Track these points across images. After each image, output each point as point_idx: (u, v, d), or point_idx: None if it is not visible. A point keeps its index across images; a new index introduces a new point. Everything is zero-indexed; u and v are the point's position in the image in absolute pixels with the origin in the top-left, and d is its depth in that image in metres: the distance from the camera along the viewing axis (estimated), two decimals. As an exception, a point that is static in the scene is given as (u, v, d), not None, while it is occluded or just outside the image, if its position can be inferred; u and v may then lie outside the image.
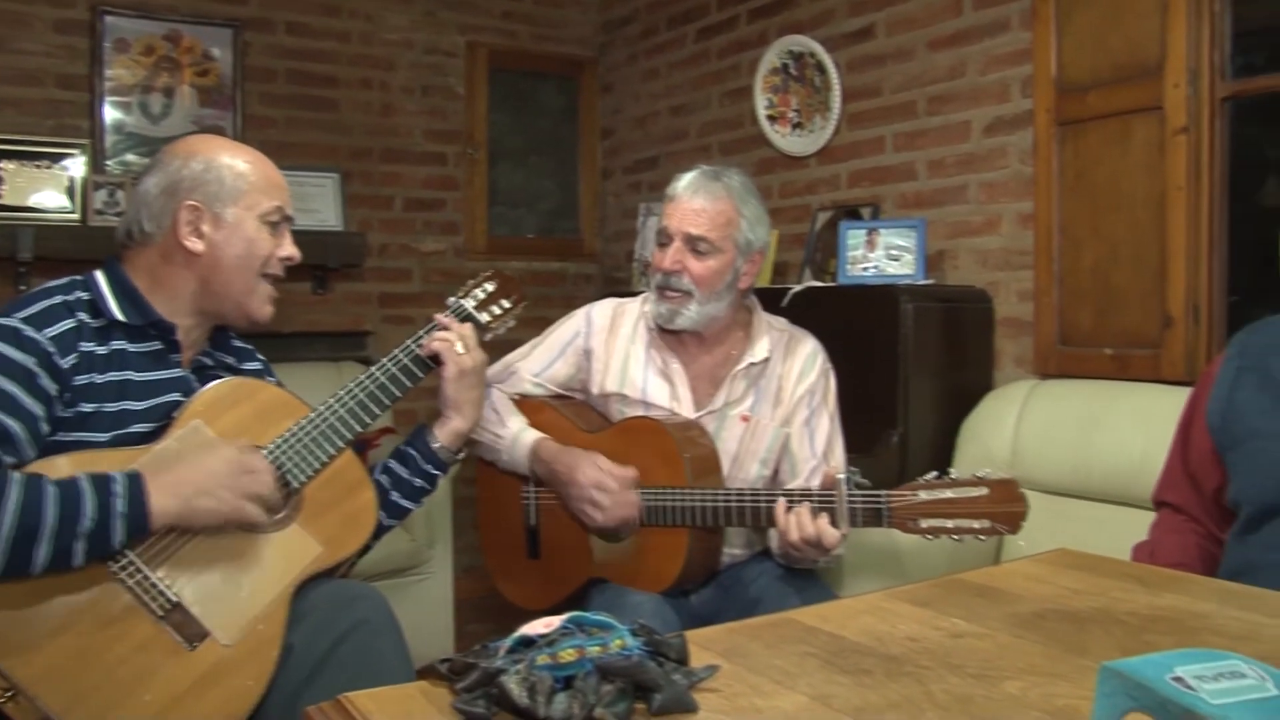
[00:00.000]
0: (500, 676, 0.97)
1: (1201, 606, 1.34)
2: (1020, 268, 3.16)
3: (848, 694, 1.02)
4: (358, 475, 1.87)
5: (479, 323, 2.06)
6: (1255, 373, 1.84)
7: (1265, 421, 1.78)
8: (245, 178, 1.82)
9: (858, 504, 1.96)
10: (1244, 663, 0.77)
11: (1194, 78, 2.72)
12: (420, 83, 4.63)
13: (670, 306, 2.23)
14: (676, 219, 2.22)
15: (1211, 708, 0.72)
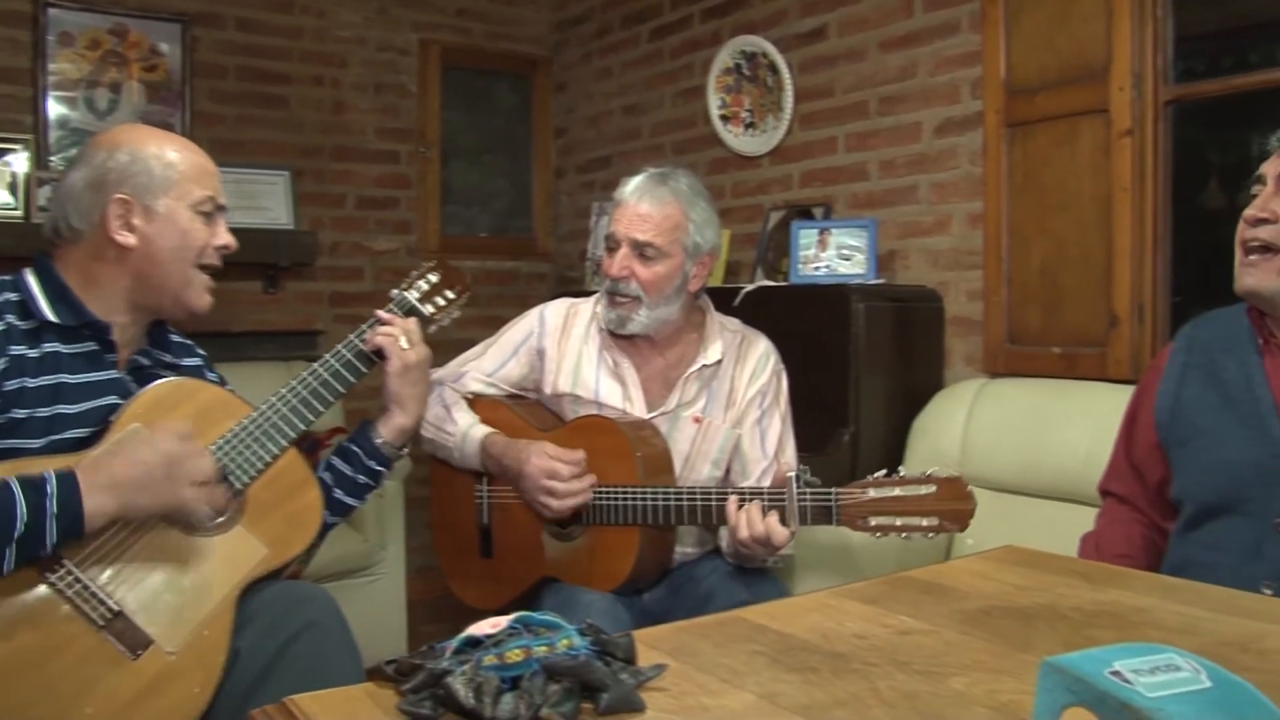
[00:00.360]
0: (446, 677, 0.96)
1: (1143, 601, 1.36)
2: (970, 267, 3.19)
3: (795, 692, 1.02)
4: (302, 474, 1.84)
5: (423, 315, 2.03)
6: (1202, 369, 1.87)
7: (1211, 421, 1.81)
8: (175, 167, 1.76)
9: (807, 502, 1.97)
10: (1180, 656, 0.78)
11: (1138, 81, 2.76)
12: (373, 80, 4.59)
13: (620, 312, 2.23)
14: (623, 225, 2.21)
15: (1147, 700, 0.73)
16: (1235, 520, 1.74)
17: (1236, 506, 1.74)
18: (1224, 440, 1.78)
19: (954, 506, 1.88)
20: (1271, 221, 1.69)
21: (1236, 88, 2.70)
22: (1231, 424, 1.77)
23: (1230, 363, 1.82)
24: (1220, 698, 0.74)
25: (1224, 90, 2.72)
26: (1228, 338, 1.85)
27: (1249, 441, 1.74)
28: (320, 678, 1.53)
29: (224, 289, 4.03)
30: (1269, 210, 1.70)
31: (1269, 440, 1.71)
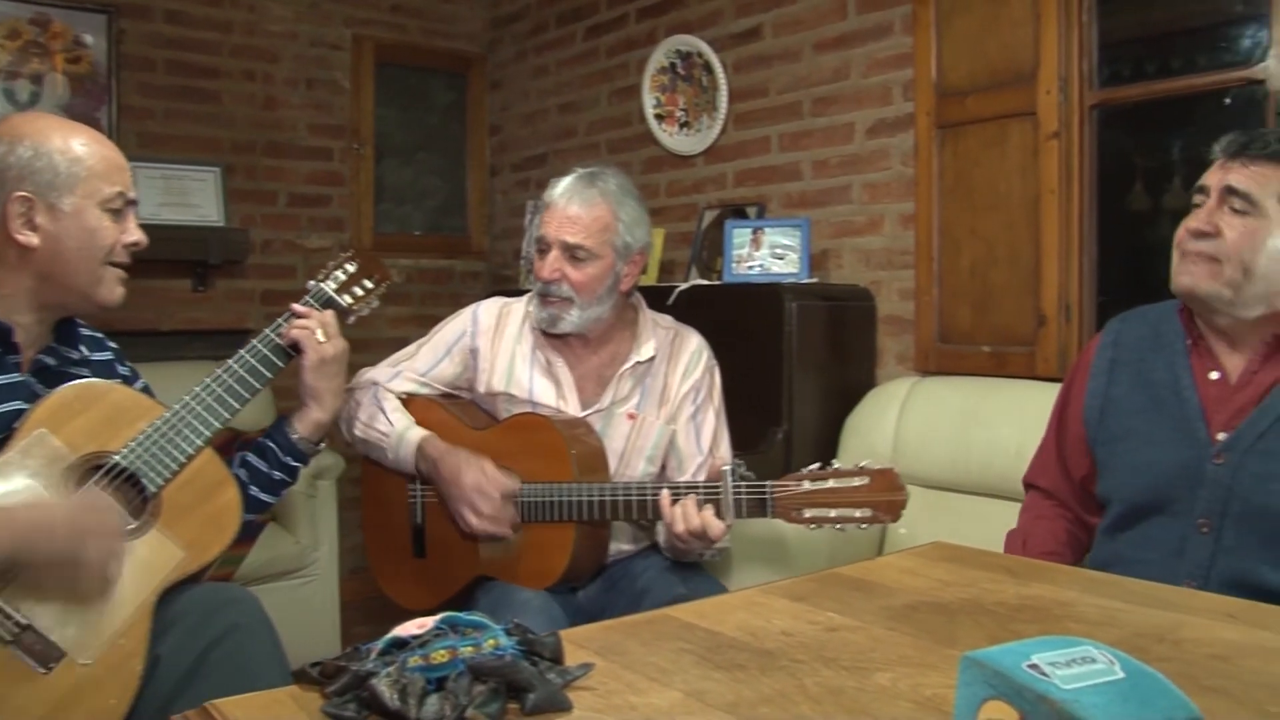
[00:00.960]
0: (371, 679, 0.95)
1: (1066, 595, 1.38)
2: (902, 267, 3.23)
3: (722, 689, 1.03)
4: (219, 474, 1.79)
5: (340, 306, 2.00)
6: (1130, 368, 1.89)
7: (1139, 422, 1.83)
8: (82, 163, 1.67)
9: (743, 495, 1.97)
10: (1095, 648, 0.80)
11: (1064, 85, 2.81)
12: (305, 76, 4.54)
13: (552, 312, 2.23)
14: (553, 227, 2.21)
15: (1063, 693, 0.74)
16: (1161, 520, 1.77)
17: (1163, 507, 1.77)
18: (1152, 441, 1.80)
19: (887, 498, 1.90)
20: (1214, 236, 1.71)
21: (1158, 93, 2.76)
22: (1159, 425, 1.80)
23: (1159, 363, 1.84)
24: (1132, 688, 0.76)
25: (1147, 95, 2.78)
26: (1157, 336, 1.88)
27: (1176, 443, 1.76)
28: (245, 681, 1.50)
29: (152, 287, 4.03)
30: (1212, 224, 1.72)
31: (1195, 442, 1.74)
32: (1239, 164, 1.72)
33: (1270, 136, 1.73)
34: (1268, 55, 2.49)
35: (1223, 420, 1.73)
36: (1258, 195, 1.68)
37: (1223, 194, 1.72)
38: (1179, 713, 0.75)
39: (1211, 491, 1.70)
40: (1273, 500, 1.64)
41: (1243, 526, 1.67)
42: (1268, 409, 1.68)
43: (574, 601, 2.23)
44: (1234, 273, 1.69)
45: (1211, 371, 1.78)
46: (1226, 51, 2.67)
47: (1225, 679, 1.05)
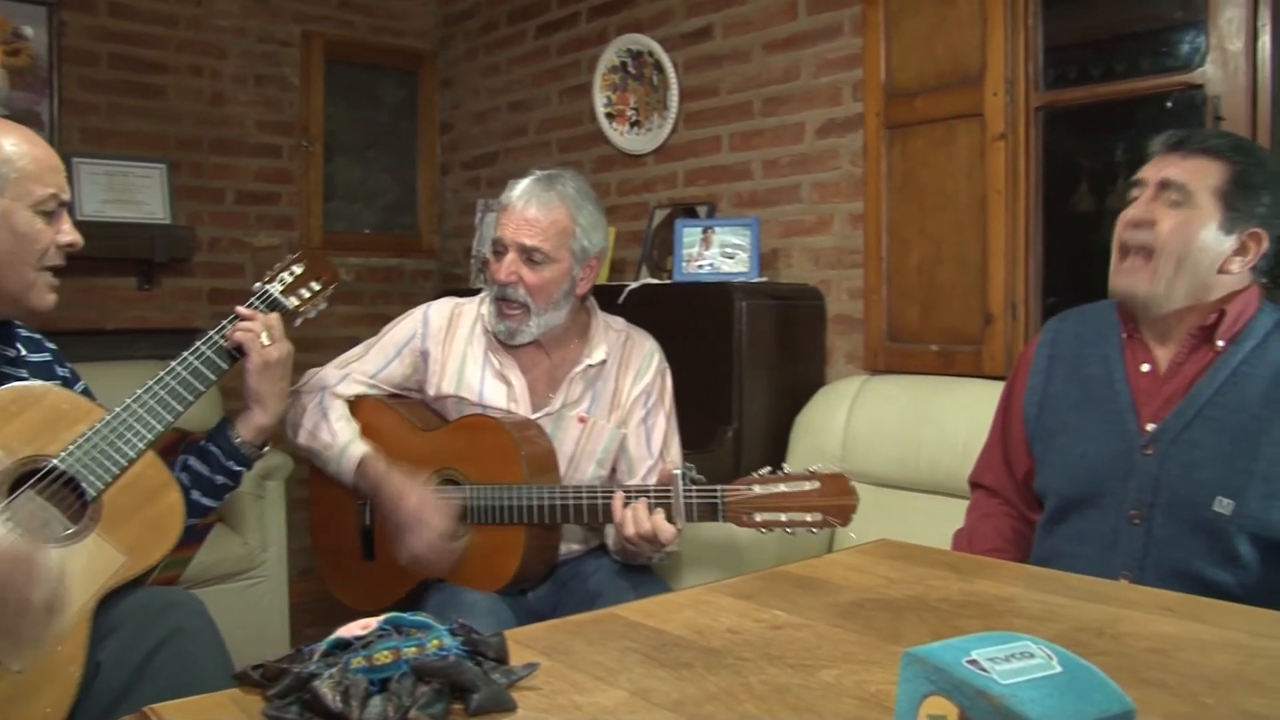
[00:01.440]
0: (313, 681, 0.94)
1: (1008, 591, 1.40)
2: (851, 266, 3.25)
3: (667, 688, 1.03)
4: (161, 478, 1.76)
5: (287, 308, 1.99)
6: (1067, 363, 1.93)
7: (1075, 416, 1.87)
8: (12, 164, 1.64)
9: (693, 499, 1.98)
10: (1034, 643, 0.81)
11: (1010, 87, 2.85)
12: (253, 72, 4.49)
13: (510, 324, 2.21)
14: (511, 229, 2.20)
15: (1001, 687, 0.75)
16: (1094, 513, 1.80)
17: (1095, 499, 1.80)
18: (1085, 434, 1.84)
19: (837, 502, 1.91)
20: (1150, 226, 1.75)
21: (1102, 95, 2.79)
22: (1092, 418, 1.84)
23: (1094, 357, 1.89)
24: (1069, 681, 0.77)
25: (1091, 98, 2.81)
26: (1094, 331, 1.92)
27: (1107, 436, 1.80)
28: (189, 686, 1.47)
29: (97, 285, 3.97)
30: (1149, 215, 1.76)
31: (1125, 434, 1.78)
32: (1176, 157, 1.77)
33: (1208, 133, 1.80)
34: (1205, 60, 2.53)
35: (1152, 411, 1.77)
36: (1192, 187, 1.73)
37: (1159, 186, 1.76)
38: (1114, 706, 0.76)
39: (1141, 482, 1.74)
40: (1197, 490, 1.68)
41: (1171, 516, 1.71)
42: (1193, 399, 1.73)
43: (524, 603, 2.23)
44: (1168, 267, 1.74)
45: (1143, 364, 1.82)
46: (1167, 56, 2.71)
47: (1162, 671, 1.07)
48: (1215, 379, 1.72)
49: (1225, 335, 1.74)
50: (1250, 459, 1.65)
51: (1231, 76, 2.48)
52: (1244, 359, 1.72)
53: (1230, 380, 1.71)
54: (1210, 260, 1.74)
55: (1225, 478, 1.66)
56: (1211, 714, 0.96)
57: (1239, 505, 1.64)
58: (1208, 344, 1.76)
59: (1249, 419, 1.68)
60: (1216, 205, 1.72)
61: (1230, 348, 1.73)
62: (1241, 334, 1.74)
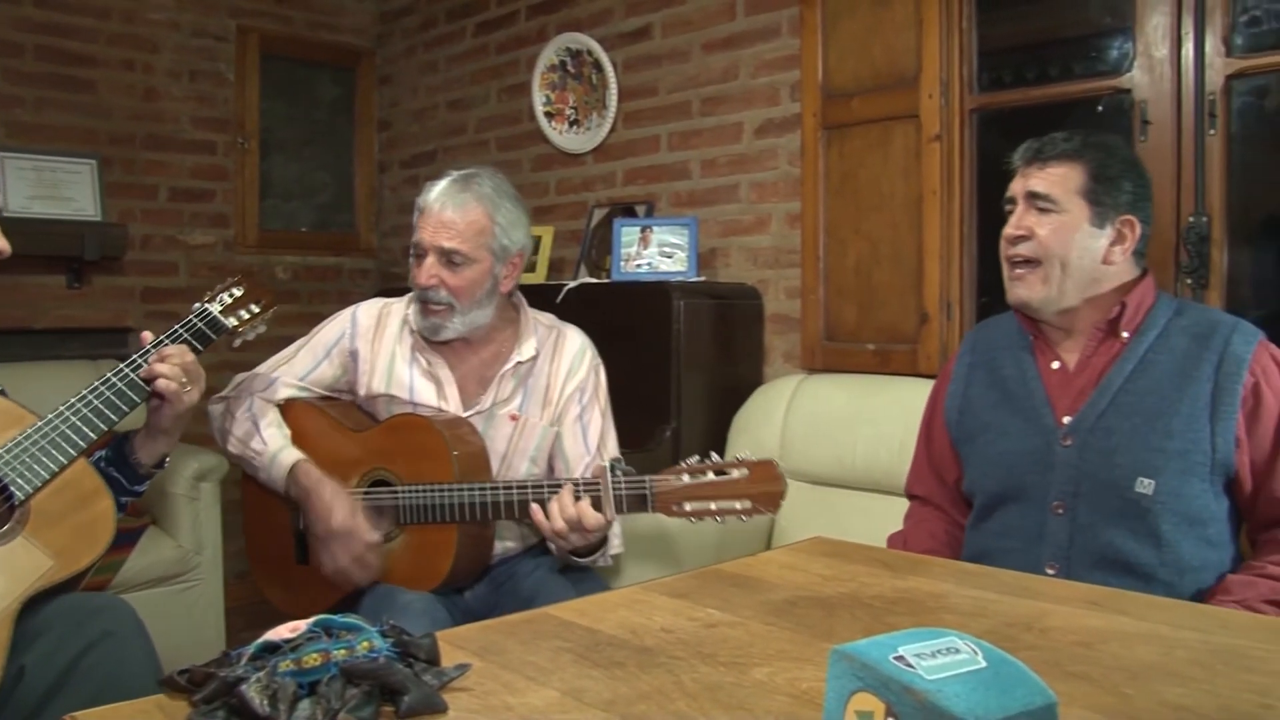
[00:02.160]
0: (240, 686, 0.93)
1: (940, 587, 1.42)
2: (788, 266, 3.27)
3: (599, 688, 1.03)
4: (93, 484, 1.74)
5: (226, 328, 1.98)
6: (984, 368, 2.01)
7: (994, 416, 1.94)
8: None
9: (622, 490, 1.97)
10: (960, 639, 0.82)
11: (945, 89, 2.88)
12: (188, 67, 4.41)
13: (434, 321, 2.20)
14: (429, 232, 2.19)
15: (927, 683, 0.76)
16: (1019, 507, 1.86)
17: (1019, 494, 1.87)
18: (1005, 432, 1.91)
19: (766, 489, 1.90)
20: (1029, 237, 1.86)
21: (1034, 99, 2.83)
22: (1010, 417, 1.91)
23: (1007, 360, 1.97)
24: (994, 676, 0.78)
25: (1024, 101, 2.85)
26: (1004, 337, 2.01)
27: (1025, 432, 1.88)
28: (117, 691, 1.45)
29: (25, 283, 3.89)
30: (1024, 227, 1.87)
31: (1043, 430, 1.85)
32: (1035, 169, 1.89)
33: (1059, 139, 1.89)
34: (1133, 66, 2.58)
35: (1066, 405, 1.85)
36: (1058, 194, 1.85)
37: (1027, 199, 1.88)
38: (1037, 699, 0.77)
39: (1062, 473, 1.80)
40: (1117, 473, 1.75)
41: (1094, 503, 1.77)
42: (1105, 389, 1.81)
43: (461, 603, 2.21)
44: (1054, 270, 1.84)
45: (1053, 362, 1.90)
46: (1097, 61, 2.76)
47: (1087, 664, 1.09)
48: (1124, 368, 1.81)
49: (1129, 326, 1.83)
50: (1164, 438, 1.74)
51: (1157, 82, 2.53)
52: (1150, 347, 1.81)
53: (1139, 368, 1.80)
54: (1092, 256, 1.84)
55: (1143, 459, 1.74)
56: (1132, 704, 0.98)
57: (1159, 483, 1.72)
58: (1113, 336, 1.85)
59: (1160, 401, 1.76)
60: (1083, 204, 1.84)
61: (1135, 338, 1.82)
62: (1144, 324, 1.83)
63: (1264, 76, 2.45)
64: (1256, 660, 1.11)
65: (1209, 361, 1.75)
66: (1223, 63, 2.44)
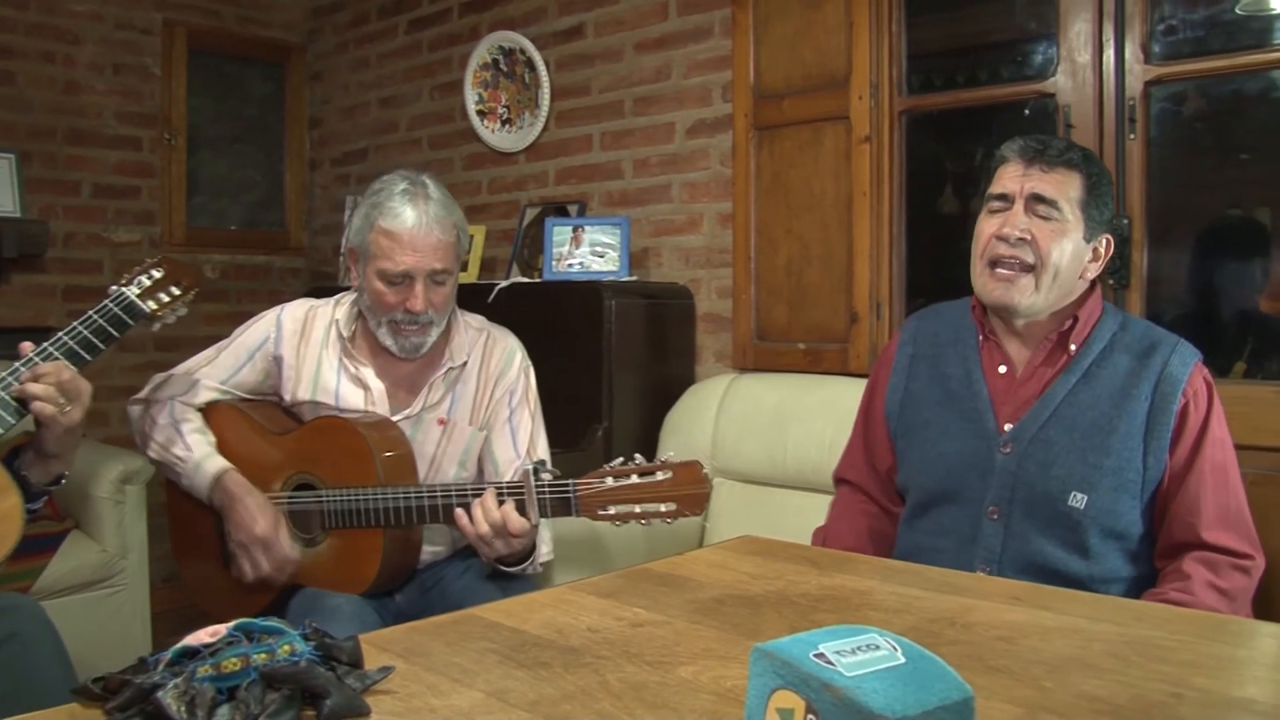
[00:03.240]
0: (156, 692, 0.91)
1: (866, 584, 1.43)
2: (720, 265, 3.28)
3: (524, 688, 1.02)
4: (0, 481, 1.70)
5: (144, 313, 1.93)
6: (927, 362, 1.99)
7: (935, 413, 1.93)
8: None
9: (546, 494, 1.96)
10: (880, 635, 0.83)
11: (875, 91, 2.91)
12: (111, 60, 4.32)
13: (415, 340, 2.15)
14: (415, 258, 2.09)
15: (846, 680, 0.76)
16: (955, 508, 1.86)
17: (955, 495, 1.86)
18: (945, 432, 1.90)
19: (690, 491, 1.90)
20: (1029, 241, 1.79)
21: (962, 101, 2.88)
22: (952, 417, 1.90)
23: (953, 357, 1.95)
24: (913, 672, 0.79)
25: (951, 103, 2.90)
26: (952, 331, 1.98)
27: (966, 434, 1.87)
28: (26, 697, 1.42)
29: (-60, 280, 3.75)
30: (1027, 230, 1.79)
31: (984, 434, 1.84)
32: (1039, 170, 1.81)
33: (1060, 144, 1.84)
34: (1057, 71, 2.62)
35: (1009, 412, 1.84)
36: (1061, 201, 1.79)
37: (1029, 200, 1.81)
38: (954, 693, 0.78)
39: (1000, 480, 1.80)
40: (1052, 486, 1.76)
41: (1028, 512, 1.78)
42: (1048, 400, 1.81)
43: (392, 605, 2.19)
44: (1048, 279, 1.79)
45: (1000, 365, 1.89)
46: (1023, 66, 2.81)
47: (1008, 658, 1.11)
48: (1069, 381, 1.80)
49: (1077, 340, 1.83)
50: (1101, 455, 1.74)
51: (1080, 86, 2.58)
52: (1094, 361, 1.81)
53: (1082, 381, 1.80)
54: (1077, 269, 1.82)
55: (1079, 474, 1.75)
56: (1050, 697, 1.00)
57: (1091, 499, 1.73)
58: (1061, 348, 1.84)
59: (1099, 417, 1.77)
60: (1080, 216, 1.80)
61: (1081, 351, 1.82)
62: (1091, 337, 1.83)
63: (1181, 83, 2.52)
64: (1168, 650, 1.14)
65: (1148, 380, 1.76)
66: (1142, 69, 2.49)
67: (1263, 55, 2.38)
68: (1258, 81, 2.46)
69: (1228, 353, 2.53)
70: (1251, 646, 1.22)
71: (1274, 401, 2.30)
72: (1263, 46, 2.39)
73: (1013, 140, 1.88)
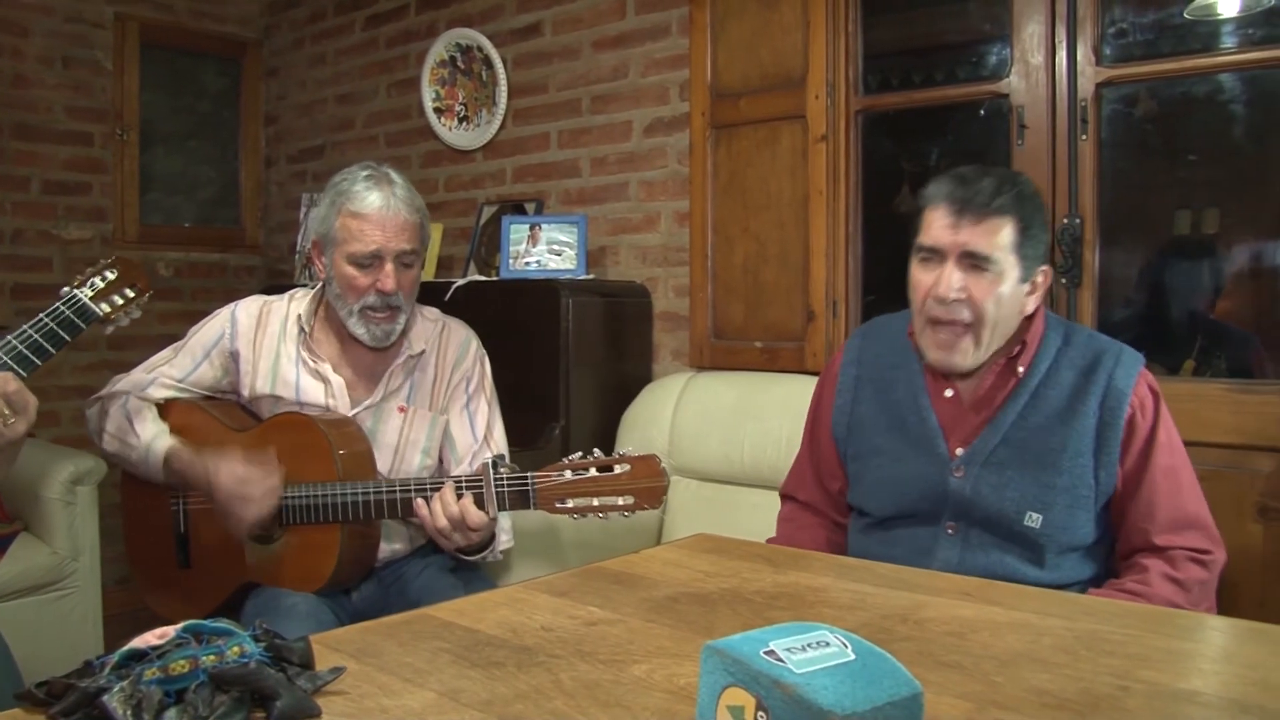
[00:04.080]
0: (102, 696, 0.90)
1: (820, 581, 1.44)
2: (677, 264, 3.29)
3: (477, 688, 1.02)
4: None
5: (97, 315, 1.91)
6: (873, 385, 1.98)
7: (885, 441, 1.92)
8: None
9: (504, 487, 1.96)
10: (830, 632, 0.83)
11: (832, 91, 2.92)
12: (61, 53, 4.24)
13: (386, 328, 2.16)
14: (383, 238, 2.11)
15: (796, 677, 0.77)
16: (912, 525, 1.86)
17: (911, 516, 1.87)
18: (898, 459, 1.89)
19: (647, 485, 1.90)
20: (964, 300, 1.75)
21: (917, 101, 2.90)
22: (903, 444, 1.89)
23: (898, 380, 1.94)
24: (862, 668, 0.79)
25: (907, 103, 2.92)
26: (894, 354, 1.96)
27: (919, 460, 1.86)
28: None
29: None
30: (962, 290, 1.75)
31: (936, 459, 1.84)
32: (968, 223, 1.75)
33: (987, 189, 1.75)
34: (1010, 72, 2.65)
35: (960, 437, 1.84)
36: (995, 254, 1.74)
37: (961, 257, 1.76)
38: (903, 689, 0.79)
39: (955, 502, 1.81)
40: (1007, 507, 1.76)
41: (985, 528, 1.79)
42: (998, 424, 1.80)
43: (349, 604, 2.18)
44: (987, 334, 1.77)
45: (946, 390, 1.87)
46: (978, 67, 2.84)
47: (959, 653, 1.12)
48: (1017, 404, 1.80)
49: (1024, 362, 1.82)
50: (1054, 475, 1.75)
51: (1033, 88, 2.60)
52: (1041, 380, 1.80)
53: (1030, 403, 1.80)
54: (1016, 310, 1.80)
55: (1033, 494, 1.75)
56: (1000, 691, 1.01)
57: (1047, 518, 1.74)
58: (1010, 373, 1.83)
59: (1049, 437, 1.77)
60: (1014, 260, 1.75)
61: (1028, 373, 1.81)
62: (1036, 356, 1.82)
63: (1132, 85, 2.55)
64: (1116, 644, 1.15)
65: (1094, 396, 1.76)
66: (1093, 71, 2.52)
67: (1209, 59, 2.42)
68: (1205, 84, 2.50)
69: (1178, 351, 2.56)
70: (1198, 640, 1.24)
71: (1222, 399, 2.33)
72: (1210, 50, 2.43)
73: (940, 181, 1.81)
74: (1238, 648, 1.22)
